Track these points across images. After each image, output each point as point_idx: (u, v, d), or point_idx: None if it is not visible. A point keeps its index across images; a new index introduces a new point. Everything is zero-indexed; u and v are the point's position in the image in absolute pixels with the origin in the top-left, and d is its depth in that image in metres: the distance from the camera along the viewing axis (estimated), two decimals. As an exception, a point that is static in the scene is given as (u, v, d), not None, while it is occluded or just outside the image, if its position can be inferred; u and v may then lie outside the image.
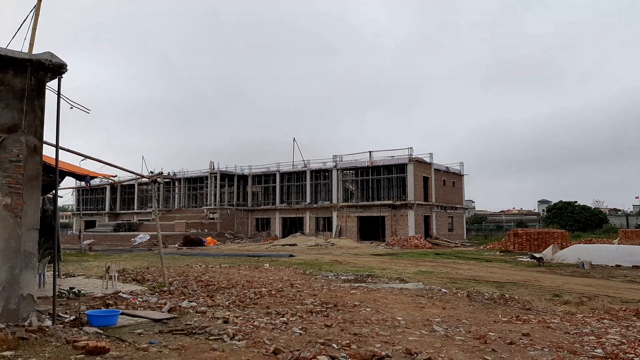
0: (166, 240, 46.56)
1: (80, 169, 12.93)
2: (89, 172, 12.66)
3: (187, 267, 20.85)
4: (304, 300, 11.05)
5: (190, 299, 11.19)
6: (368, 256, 29.35)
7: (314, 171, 52.84)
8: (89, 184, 12.62)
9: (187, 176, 62.14)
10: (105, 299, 10.96)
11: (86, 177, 12.36)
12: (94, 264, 23.92)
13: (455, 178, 53.72)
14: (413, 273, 18.51)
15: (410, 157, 44.96)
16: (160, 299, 11.08)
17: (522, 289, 14.67)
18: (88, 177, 12.40)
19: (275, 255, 29.58)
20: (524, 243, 35.01)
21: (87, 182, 12.44)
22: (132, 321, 8.51)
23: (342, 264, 22.86)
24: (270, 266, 21.18)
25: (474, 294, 12.45)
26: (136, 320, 8.56)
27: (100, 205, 71.17)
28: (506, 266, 22.83)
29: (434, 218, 47.64)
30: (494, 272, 19.46)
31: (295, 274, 17.64)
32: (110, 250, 38.08)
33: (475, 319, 9.25)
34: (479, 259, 27.57)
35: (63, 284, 15.48)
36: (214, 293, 12.32)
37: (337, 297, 11.59)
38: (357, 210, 47.28)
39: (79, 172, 12.49)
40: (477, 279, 17.10)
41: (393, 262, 24.50)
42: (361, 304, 10.56)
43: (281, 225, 54.45)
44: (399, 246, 39.42)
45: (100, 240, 47.89)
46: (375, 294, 12.25)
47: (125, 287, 14.40)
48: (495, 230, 65.46)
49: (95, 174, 13.07)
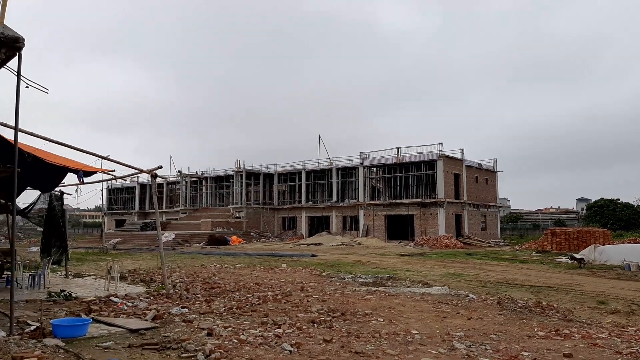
0: (192, 239, 46.15)
1: (74, 163, 12.02)
2: (82, 166, 11.73)
3: (202, 268, 19.94)
4: (309, 307, 9.83)
5: (185, 304, 10.13)
6: (394, 256, 27.88)
7: (339, 169, 51.46)
8: (82, 179, 11.69)
9: (213, 175, 61.71)
10: (92, 303, 10.00)
11: (79, 172, 11.44)
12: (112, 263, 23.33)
13: (489, 175, 51.42)
14: (439, 275, 17.04)
15: (439, 153, 43.04)
16: (152, 304, 10.06)
17: (561, 294, 13.07)
18: (81, 172, 11.48)
19: (297, 255, 28.47)
20: (562, 243, 32.84)
21: (79, 178, 11.51)
22: (106, 331, 7.48)
23: (365, 265, 21.52)
24: (288, 267, 20.05)
25: (506, 301, 10.96)
26: (110, 331, 7.52)
27: (130, 204, 71.68)
28: (543, 268, 21.04)
29: (465, 217, 45.60)
30: (530, 275, 17.79)
31: (311, 275, 16.43)
32: (135, 249, 37.75)
33: (506, 332, 7.83)
34: (513, 259, 25.75)
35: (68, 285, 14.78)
36: (215, 297, 11.24)
37: (348, 304, 10.32)
38: (385, 209, 45.67)
39: (73, 166, 11.57)
40: (511, 282, 15.51)
41: (419, 263, 23.00)
42: (373, 313, 9.26)
43: (307, 224, 53.33)
44: (428, 246, 37.71)
45: (127, 239, 47.84)
46: (392, 300, 10.92)
47: (127, 289, 13.53)
48: (532, 230, 62.68)
49: (91, 169, 12.14)
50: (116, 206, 73.92)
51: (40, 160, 11.04)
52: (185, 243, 44.08)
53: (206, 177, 62.35)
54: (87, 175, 13.04)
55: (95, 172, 12.75)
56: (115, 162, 11.95)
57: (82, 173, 11.50)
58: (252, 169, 56.59)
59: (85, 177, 13.31)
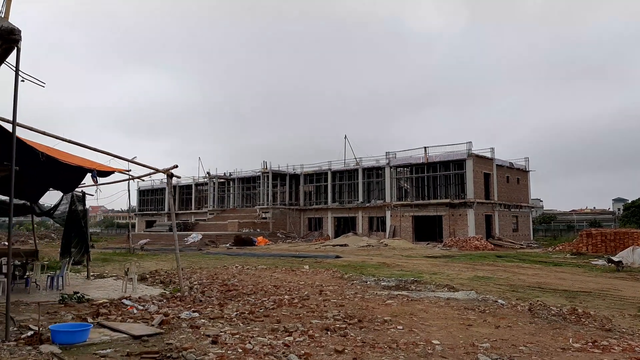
0: (218, 240, 46.21)
1: (90, 163, 11.82)
2: (97, 166, 11.51)
3: (223, 269, 19.65)
4: (326, 312, 9.31)
5: (197, 307, 9.76)
6: (421, 258, 27.09)
7: (366, 169, 50.70)
8: (95, 178, 11.46)
9: (240, 176, 61.82)
10: (102, 306, 9.72)
11: (92, 172, 11.22)
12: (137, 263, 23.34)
13: (520, 174, 49.79)
14: (467, 279, 16.27)
15: (469, 152, 41.82)
16: (163, 307, 9.72)
17: (598, 300, 12.19)
18: (95, 172, 11.25)
19: (321, 256, 27.99)
20: (598, 244, 31.37)
21: (93, 177, 11.28)
22: (108, 337, 7.13)
23: (390, 267, 20.87)
24: (310, 268, 19.59)
25: (538, 308, 10.20)
26: (112, 337, 7.17)
27: (160, 205, 72.54)
28: (578, 271, 19.97)
29: (496, 217, 44.24)
30: (564, 279, 16.83)
31: (332, 278, 15.90)
32: (162, 250, 37.95)
33: (538, 344, 7.15)
34: (546, 262, 24.63)
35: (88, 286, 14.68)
36: (230, 300, 10.85)
37: (367, 309, 9.76)
38: (412, 210, 44.72)
39: (87, 165, 11.36)
40: (543, 286, 14.65)
41: (447, 265, 22.19)
42: (393, 320, 8.68)
43: (333, 224, 52.78)
44: (457, 247, 36.66)
45: (156, 240, 48.27)
46: (415, 306, 10.30)
47: (144, 291, 13.32)
48: (566, 231, 60.54)
49: (106, 168, 11.92)
50: (147, 207, 74.93)
51: (55, 160, 10.87)
52: (212, 244, 44.14)
53: (233, 178, 62.53)
54: (104, 175, 12.88)
55: (112, 172, 12.55)
56: (130, 161, 11.74)
57: (95, 172, 11.26)
58: (279, 169, 56.42)
59: (102, 177, 13.17)
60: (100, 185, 15.92)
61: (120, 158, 11.47)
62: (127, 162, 11.84)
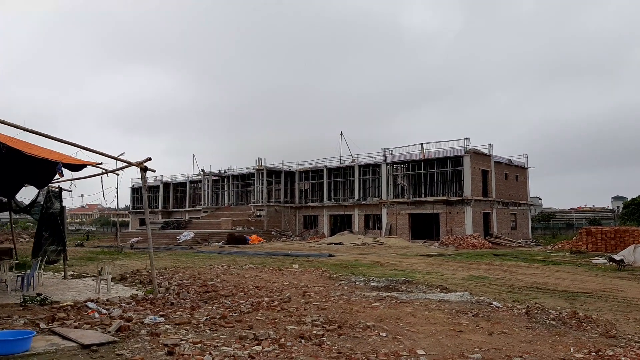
0: (211, 238, 45.42)
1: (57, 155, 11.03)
2: (64, 158, 10.72)
3: (209, 268, 18.88)
4: (305, 316, 8.54)
5: (166, 310, 8.99)
6: (416, 257, 26.34)
7: (362, 166, 49.89)
8: (60, 171, 10.64)
9: (235, 173, 61.00)
10: (61, 310, 8.95)
11: (58, 165, 10.42)
12: (121, 262, 22.57)
13: (519, 171, 48.99)
14: (462, 279, 15.52)
15: (466, 149, 40.99)
16: (129, 311, 8.94)
17: (600, 302, 11.44)
18: (60, 164, 10.45)
19: (314, 255, 27.22)
20: (598, 243, 30.63)
21: (58, 171, 10.47)
22: (54, 347, 6.35)
23: (383, 266, 20.12)
24: (299, 268, 18.82)
25: (535, 311, 9.44)
26: (59, 346, 6.40)
27: (154, 203, 71.67)
28: (578, 270, 19.23)
29: (494, 215, 43.50)
30: (563, 279, 16.09)
31: (320, 278, 15.13)
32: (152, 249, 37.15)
33: (535, 353, 6.39)
34: (545, 261, 23.89)
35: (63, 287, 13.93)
36: (205, 303, 10.08)
37: (350, 313, 8.99)
38: (409, 207, 43.95)
39: (52, 158, 10.56)
40: (542, 287, 13.91)
41: (442, 264, 21.44)
42: (377, 325, 7.91)
43: (329, 222, 52.00)
44: (454, 246, 35.92)
45: (147, 238, 47.47)
46: (403, 309, 9.53)
47: (119, 292, 12.58)
48: (565, 229, 59.84)
49: (74, 160, 11.13)
50: (140, 205, 73.98)
51: (17, 152, 10.11)
52: (204, 242, 43.36)
53: (228, 175, 61.73)
54: (76, 169, 12.12)
55: (82, 165, 11.77)
56: (98, 153, 10.93)
57: (61, 165, 10.46)
58: (274, 166, 55.60)
59: (74, 171, 12.40)
60: (75, 180, 15.17)
61: (88, 149, 10.68)
62: (98, 154, 11.03)
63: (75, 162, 11.22)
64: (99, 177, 14.02)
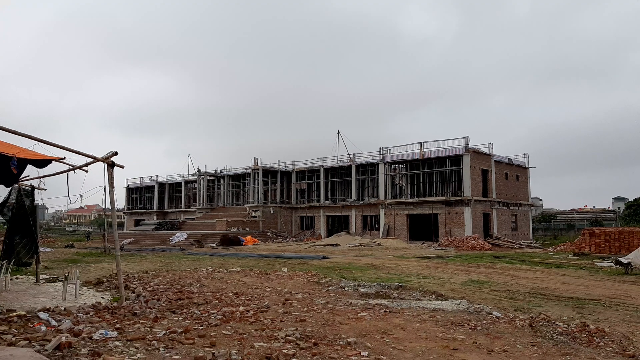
0: (204, 239, 44.40)
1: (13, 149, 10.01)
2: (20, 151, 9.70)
3: (193, 272, 17.84)
4: (279, 330, 7.52)
5: (125, 322, 7.97)
6: (413, 259, 25.31)
7: (359, 165, 48.82)
8: (14, 166, 9.64)
9: (230, 173, 59.93)
10: (7, 320, 7.93)
11: (12, 160, 9.42)
12: (104, 265, 21.57)
13: (520, 171, 47.94)
14: (460, 284, 14.50)
15: (466, 148, 39.94)
16: (82, 323, 7.93)
17: (610, 310, 10.42)
18: (14, 159, 9.45)
19: (307, 257, 26.21)
20: (602, 244, 29.63)
21: (12, 165, 9.47)
22: (-31, 372, 5.35)
23: (377, 269, 19.10)
24: (288, 271, 17.80)
25: (540, 323, 8.41)
26: (-25, 370, 5.39)
27: (149, 203, 70.63)
28: (583, 274, 18.21)
29: (494, 216, 42.45)
30: (568, 283, 15.07)
31: (307, 283, 14.10)
32: (144, 250, 36.14)
33: (542, 379, 5.37)
34: (547, 263, 22.87)
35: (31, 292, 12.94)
36: (172, 313, 9.06)
37: (332, 325, 7.97)
38: (407, 208, 42.89)
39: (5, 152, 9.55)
40: (545, 292, 12.89)
41: (440, 267, 20.42)
42: (359, 341, 6.89)
43: (326, 223, 50.96)
44: (453, 247, 34.91)
45: (140, 239, 46.48)
46: (392, 320, 8.51)
47: (87, 298, 11.60)
48: (566, 230, 58.76)
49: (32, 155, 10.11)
50: (135, 206, 73.05)
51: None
52: (197, 243, 42.33)
53: (224, 175, 60.67)
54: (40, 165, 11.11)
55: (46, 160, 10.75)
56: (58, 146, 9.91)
57: (15, 160, 9.46)
58: (270, 166, 54.56)
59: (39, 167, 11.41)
60: (43, 177, 14.15)
61: (45, 142, 9.66)
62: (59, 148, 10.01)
63: (35, 157, 10.21)
64: (71, 173, 13.00)
